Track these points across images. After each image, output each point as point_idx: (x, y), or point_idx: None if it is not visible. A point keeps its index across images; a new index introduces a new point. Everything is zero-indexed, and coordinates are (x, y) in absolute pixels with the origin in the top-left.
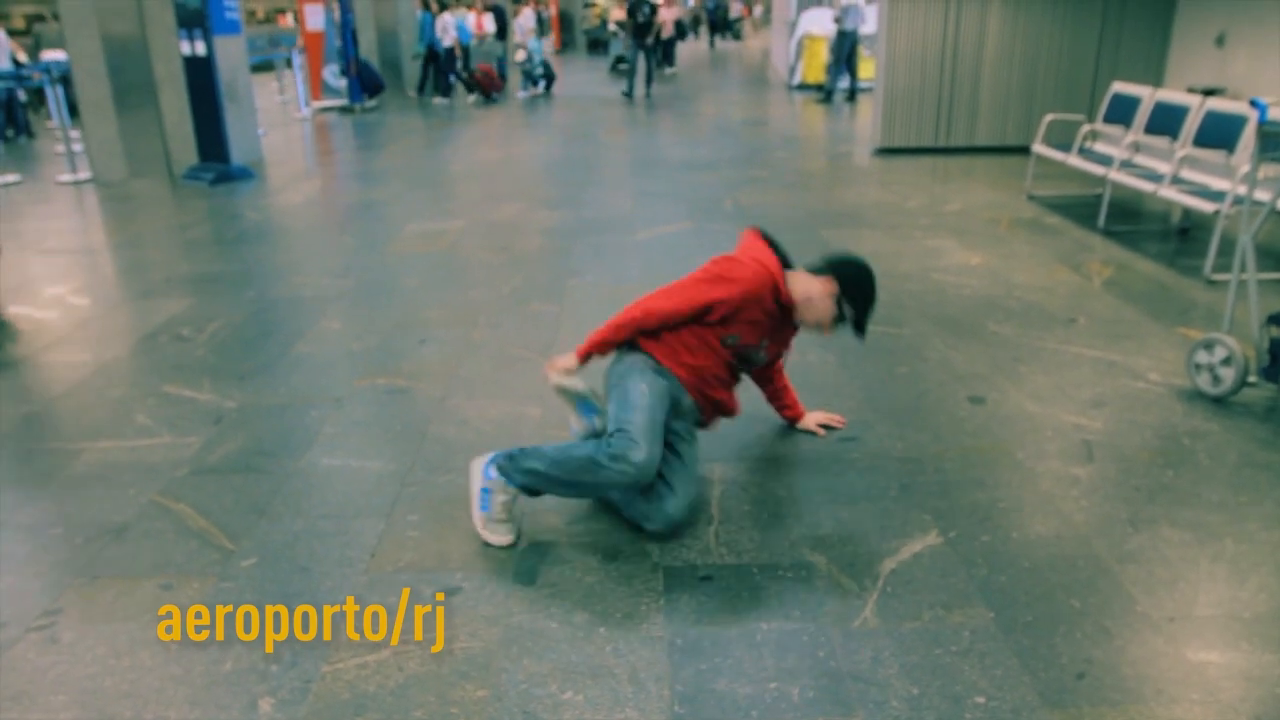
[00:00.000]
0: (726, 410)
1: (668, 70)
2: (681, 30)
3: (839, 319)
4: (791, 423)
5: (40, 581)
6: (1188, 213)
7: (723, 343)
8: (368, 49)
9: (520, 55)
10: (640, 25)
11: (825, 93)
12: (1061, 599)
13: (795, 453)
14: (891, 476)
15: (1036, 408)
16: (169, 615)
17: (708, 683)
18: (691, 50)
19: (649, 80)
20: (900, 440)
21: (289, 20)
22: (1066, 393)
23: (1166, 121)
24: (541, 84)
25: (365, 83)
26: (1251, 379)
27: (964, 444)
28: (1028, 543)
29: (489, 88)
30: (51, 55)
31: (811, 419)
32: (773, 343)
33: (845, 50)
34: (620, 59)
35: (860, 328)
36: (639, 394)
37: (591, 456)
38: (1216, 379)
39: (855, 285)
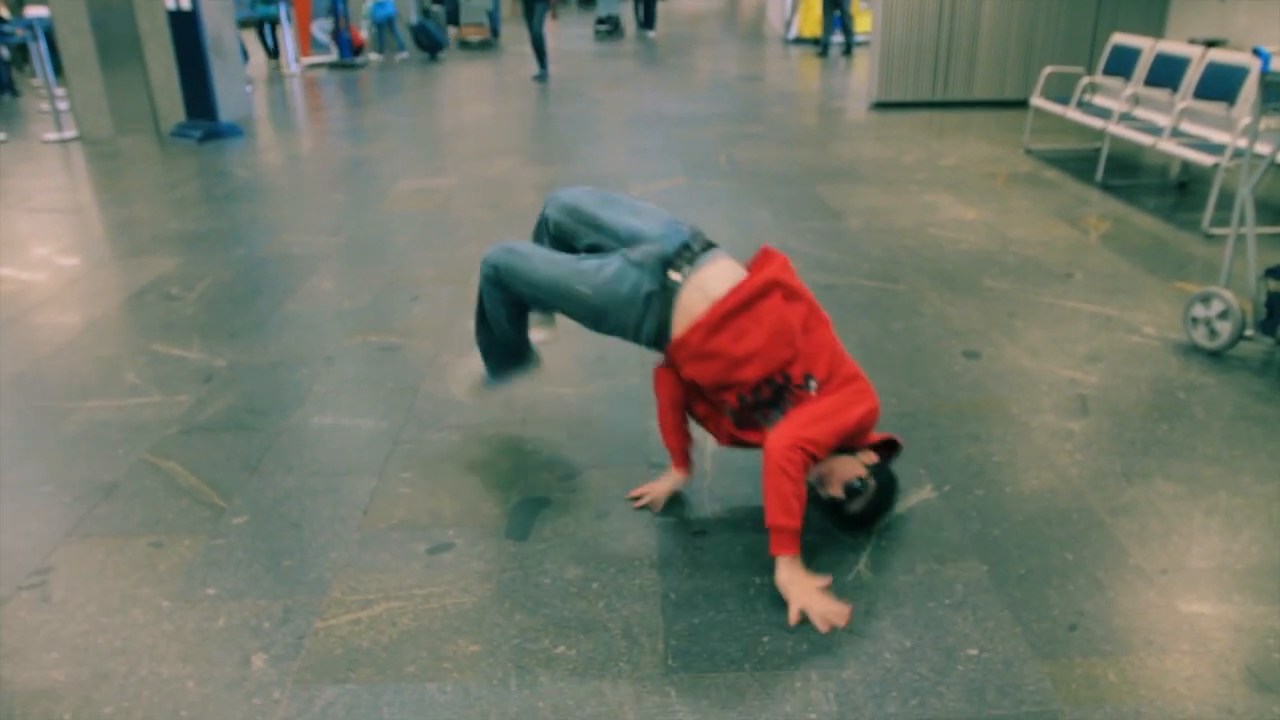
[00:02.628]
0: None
1: (649, 34)
2: None
3: (853, 489)
4: (679, 461)
5: (31, 540)
6: (1187, 166)
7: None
8: (356, 5)
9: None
10: None
11: (821, 46)
12: (1054, 552)
13: None
14: (886, 431)
15: (1032, 362)
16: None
17: (700, 636)
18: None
19: (541, 59)
20: (895, 395)
21: None
22: (1062, 347)
23: (1167, 73)
24: (353, 53)
25: (424, 42)
26: (1248, 333)
27: (959, 399)
28: (1021, 497)
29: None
30: (35, 11)
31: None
32: None
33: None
34: (602, 20)
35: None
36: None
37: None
38: (1213, 333)
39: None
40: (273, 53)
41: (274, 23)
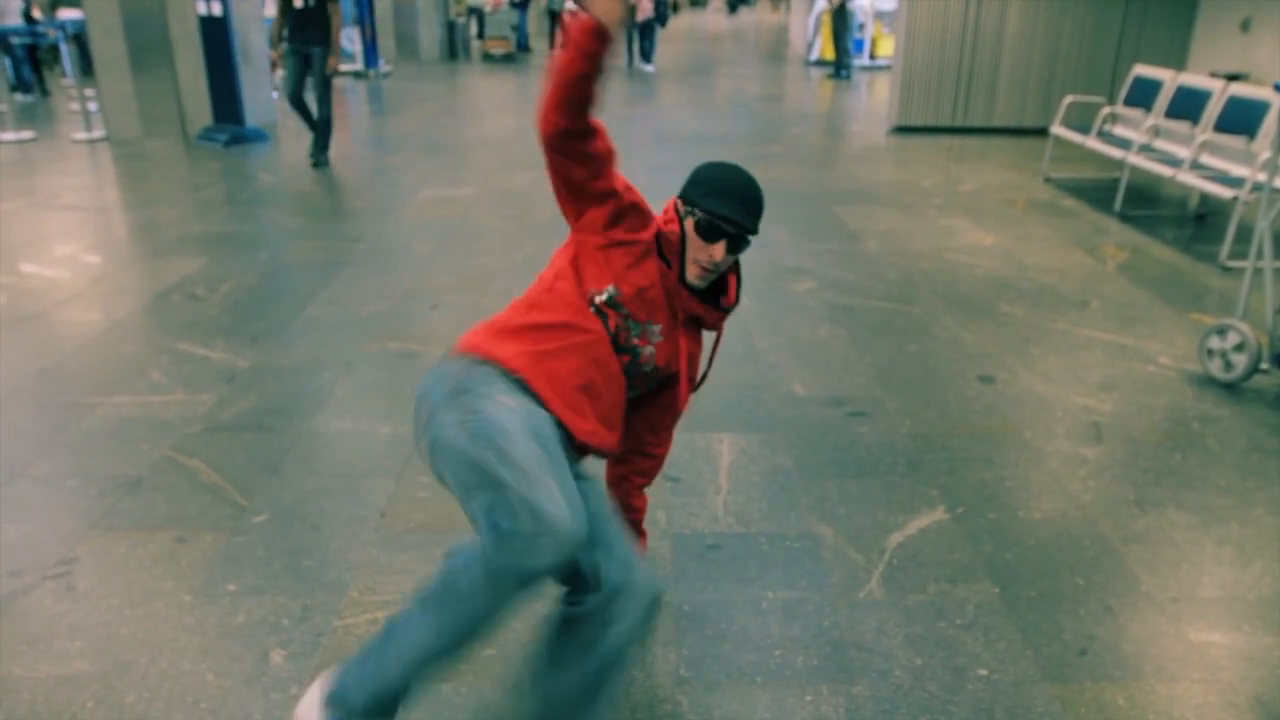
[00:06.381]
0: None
1: (647, 68)
2: (662, 13)
3: (711, 236)
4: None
5: (56, 531)
6: (1205, 198)
7: (593, 302)
8: (383, 16)
9: None
10: (300, 13)
11: (835, 69)
12: (1066, 577)
13: (804, 426)
14: (900, 452)
15: (1046, 388)
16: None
17: (713, 648)
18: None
19: (313, 128)
20: (909, 417)
21: None
22: (1077, 374)
23: (1188, 106)
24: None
25: None
26: (1263, 366)
27: (972, 422)
28: (1034, 521)
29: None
30: (68, 13)
31: None
32: (665, 340)
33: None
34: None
35: (719, 228)
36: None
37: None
38: (1228, 365)
39: (702, 183)
40: None
41: None
